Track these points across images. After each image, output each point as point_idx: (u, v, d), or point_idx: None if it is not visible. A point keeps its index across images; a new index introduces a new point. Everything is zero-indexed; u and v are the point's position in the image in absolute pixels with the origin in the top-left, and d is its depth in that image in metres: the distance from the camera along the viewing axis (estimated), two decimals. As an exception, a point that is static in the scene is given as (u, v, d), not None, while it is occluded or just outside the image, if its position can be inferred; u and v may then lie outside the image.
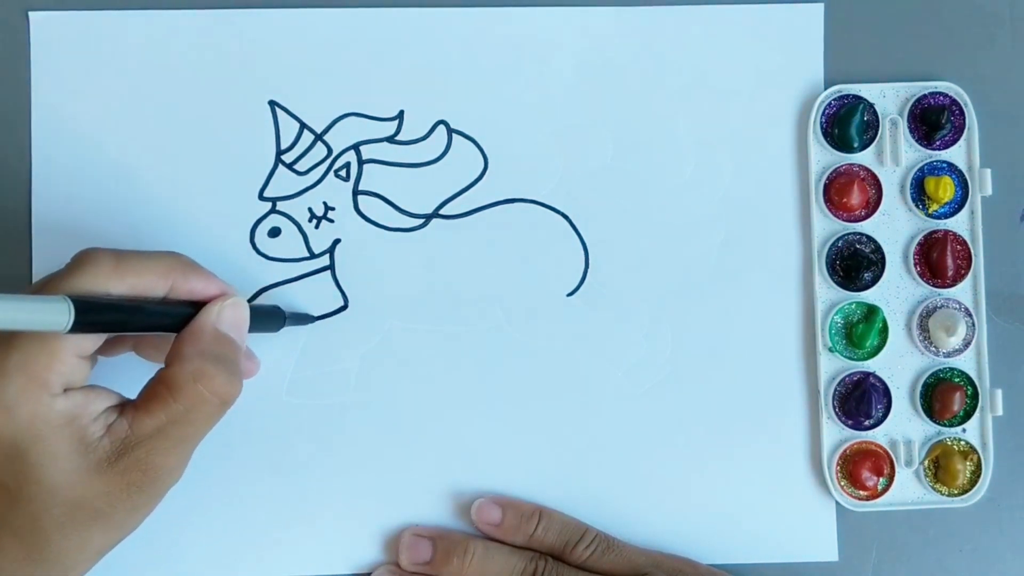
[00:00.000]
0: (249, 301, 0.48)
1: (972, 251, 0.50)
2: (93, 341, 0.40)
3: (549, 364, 0.50)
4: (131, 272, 0.40)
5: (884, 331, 0.50)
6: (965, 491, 0.50)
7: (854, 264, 0.50)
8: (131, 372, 0.44)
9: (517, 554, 0.47)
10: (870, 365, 0.50)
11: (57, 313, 0.36)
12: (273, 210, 0.49)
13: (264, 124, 0.50)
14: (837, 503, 0.50)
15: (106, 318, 0.39)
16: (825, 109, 0.51)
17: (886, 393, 0.50)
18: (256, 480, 0.49)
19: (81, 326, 0.36)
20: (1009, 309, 0.51)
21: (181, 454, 0.41)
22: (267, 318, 0.47)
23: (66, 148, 0.49)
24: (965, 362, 0.50)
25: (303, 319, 0.49)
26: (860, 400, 0.49)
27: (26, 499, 0.39)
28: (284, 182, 0.50)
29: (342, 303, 0.49)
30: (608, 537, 0.48)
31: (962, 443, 0.50)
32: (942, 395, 0.50)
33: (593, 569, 0.48)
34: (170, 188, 0.49)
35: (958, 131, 0.51)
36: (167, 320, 0.41)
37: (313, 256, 0.50)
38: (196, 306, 0.42)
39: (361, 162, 0.50)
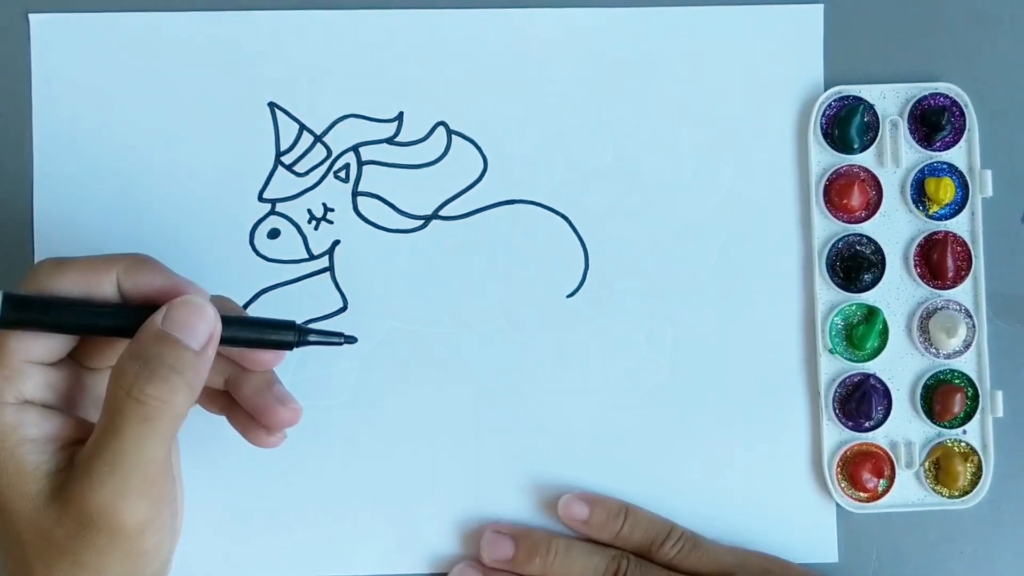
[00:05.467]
0: (248, 309, 0.48)
1: (972, 252, 0.50)
2: (45, 346, 0.38)
3: (549, 365, 0.50)
4: (73, 268, 0.38)
5: (884, 332, 0.50)
6: (966, 493, 0.50)
7: (854, 265, 0.50)
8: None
9: (600, 552, 0.47)
10: (870, 366, 0.50)
11: None
12: (272, 211, 0.49)
13: (264, 125, 0.50)
14: (837, 505, 0.50)
15: (43, 314, 0.36)
16: (825, 110, 0.50)
17: (886, 394, 0.50)
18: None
19: (14, 321, 0.35)
20: (1009, 310, 0.51)
21: (123, 477, 0.36)
22: (270, 332, 0.41)
23: (67, 149, 0.49)
24: (965, 363, 0.50)
25: (335, 337, 0.43)
26: (860, 401, 0.49)
27: (3, 526, 0.37)
28: (283, 183, 0.50)
29: (341, 304, 0.49)
30: (695, 536, 0.48)
31: (962, 445, 0.50)
32: (942, 396, 0.50)
33: (679, 568, 0.48)
34: (170, 189, 0.49)
35: (958, 132, 0.50)
36: (115, 321, 0.38)
37: (312, 257, 0.50)
38: (154, 309, 0.38)
39: (360, 163, 0.50)
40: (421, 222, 0.50)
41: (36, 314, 0.36)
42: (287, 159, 0.50)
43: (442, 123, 0.50)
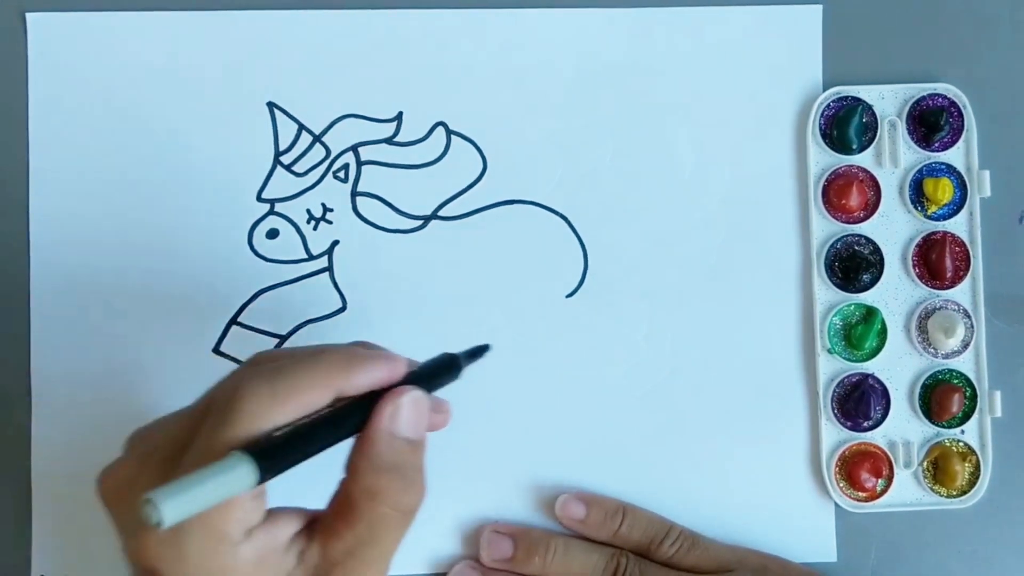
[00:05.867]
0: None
1: (971, 252, 0.50)
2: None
3: (548, 366, 0.50)
4: (292, 396, 0.35)
5: (883, 332, 0.50)
6: (964, 492, 0.50)
7: (853, 266, 0.50)
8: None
9: (598, 551, 0.48)
10: (869, 366, 0.50)
11: (239, 476, 0.33)
12: (271, 212, 0.49)
13: (262, 125, 0.49)
14: (836, 504, 0.50)
15: (286, 458, 0.35)
16: (824, 111, 0.51)
17: (885, 394, 0.50)
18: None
19: (265, 477, 0.33)
20: (1008, 311, 0.51)
21: (376, 573, 0.37)
22: (443, 374, 0.41)
23: (64, 149, 0.49)
24: (964, 363, 0.50)
25: (479, 352, 0.43)
26: (859, 401, 0.49)
27: None
28: (282, 183, 0.49)
29: (340, 305, 0.49)
30: (693, 534, 0.49)
31: (961, 444, 0.50)
32: (941, 396, 0.50)
33: (678, 566, 0.48)
34: (168, 190, 0.49)
35: (957, 133, 0.51)
36: (347, 427, 0.37)
37: (311, 258, 0.49)
38: (370, 400, 0.37)
39: (360, 163, 0.50)
40: (420, 222, 0.50)
41: (282, 459, 0.35)
42: (286, 159, 0.49)
43: (441, 123, 0.50)
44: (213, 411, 0.36)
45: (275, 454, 0.34)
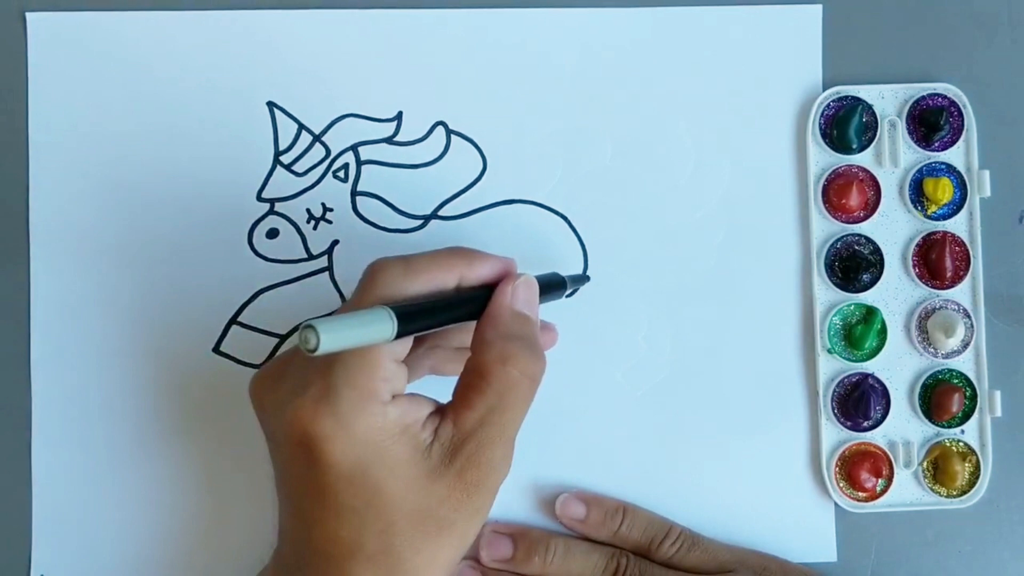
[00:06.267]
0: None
1: (971, 252, 0.50)
2: (404, 345, 0.40)
3: (547, 366, 0.50)
4: (422, 272, 0.40)
5: (883, 332, 0.50)
6: (964, 492, 0.50)
7: (853, 265, 0.50)
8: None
9: (598, 551, 0.48)
10: (869, 366, 0.50)
11: (381, 323, 0.36)
12: (271, 211, 0.49)
13: (262, 125, 0.49)
14: (836, 504, 0.50)
15: (419, 318, 0.39)
16: (824, 110, 0.51)
17: (885, 394, 0.50)
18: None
19: (402, 332, 0.37)
20: (1008, 310, 0.51)
21: (506, 443, 0.40)
22: (552, 287, 0.46)
23: (63, 149, 0.49)
24: (964, 363, 0.50)
25: (581, 279, 0.49)
26: (859, 401, 0.50)
27: (374, 517, 0.38)
28: (282, 183, 0.49)
29: (341, 305, 0.49)
30: (693, 534, 0.49)
31: (961, 444, 0.50)
32: (941, 396, 0.50)
33: (678, 566, 0.48)
34: (168, 189, 0.49)
35: (956, 132, 0.51)
36: (467, 309, 0.41)
37: (311, 257, 0.49)
38: (488, 289, 0.42)
39: (360, 163, 0.50)
40: (420, 222, 0.50)
41: (416, 319, 0.39)
42: (286, 159, 0.49)
43: (441, 123, 0.50)
44: (356, 288, 0.40)
45: (410, 316, 0.38)
